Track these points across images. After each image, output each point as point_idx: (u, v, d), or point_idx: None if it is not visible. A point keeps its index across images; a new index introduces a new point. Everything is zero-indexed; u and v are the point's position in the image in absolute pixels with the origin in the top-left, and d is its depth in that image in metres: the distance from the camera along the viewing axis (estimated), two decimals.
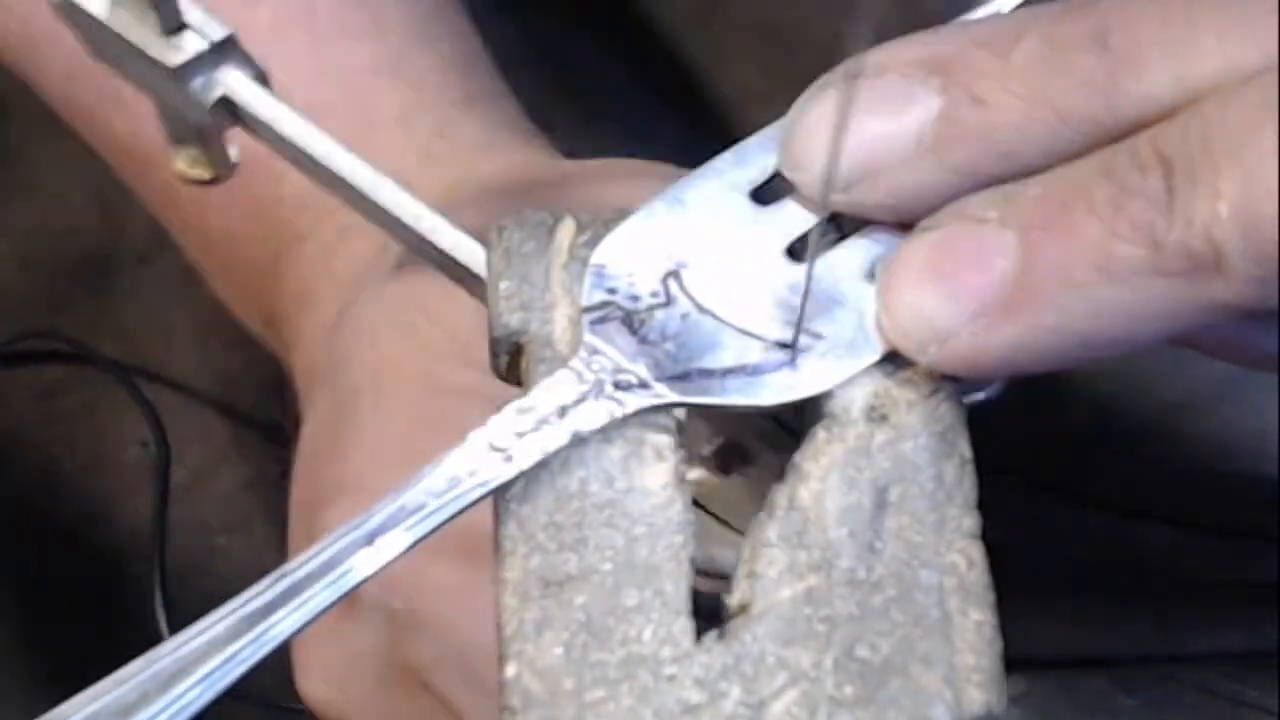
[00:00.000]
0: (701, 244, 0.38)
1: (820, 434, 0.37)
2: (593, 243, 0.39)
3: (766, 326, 0.38)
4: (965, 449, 0.37)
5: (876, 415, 0.37)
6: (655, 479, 0.36)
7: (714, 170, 0.39)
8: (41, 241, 0.78)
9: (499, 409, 0.36)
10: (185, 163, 0.41)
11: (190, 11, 0.37)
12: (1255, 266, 0.33)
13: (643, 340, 0.37)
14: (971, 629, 0.35)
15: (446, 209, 0.52)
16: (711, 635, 0.35)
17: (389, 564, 0.35)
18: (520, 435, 0.36)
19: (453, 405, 0.49)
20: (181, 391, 0.76)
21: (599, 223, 0.39)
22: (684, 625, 0.35)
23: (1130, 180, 0.35)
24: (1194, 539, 0.65)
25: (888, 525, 0.36)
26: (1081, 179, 0.35)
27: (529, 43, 0.67)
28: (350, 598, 0.48)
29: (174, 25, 0.36)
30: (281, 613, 0.34)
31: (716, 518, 0.42)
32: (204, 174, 0.41)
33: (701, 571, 0.36)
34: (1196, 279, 0.34)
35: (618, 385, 0.37)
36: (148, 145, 0.60)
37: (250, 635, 0.34)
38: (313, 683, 0.51)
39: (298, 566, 0.35)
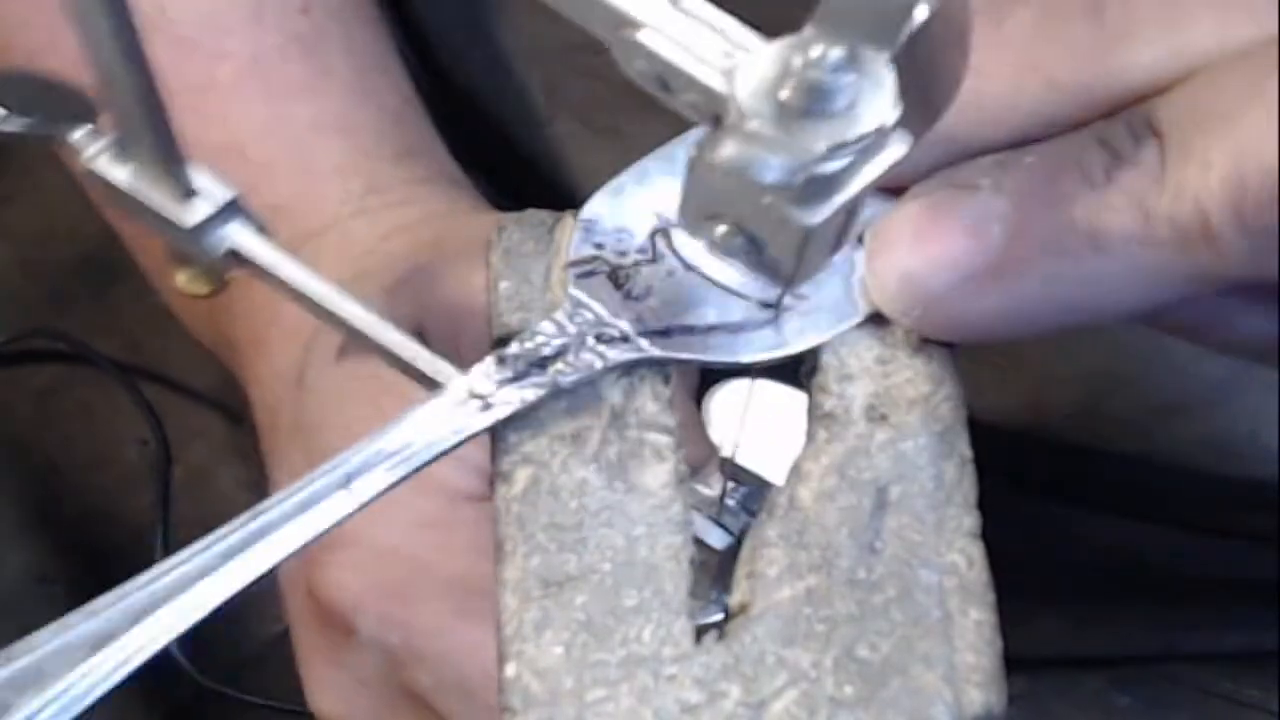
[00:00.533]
0: None
1: (820, 434, 0.37)
2: (589, 199, 0.39)
3: (750, 286, 0.38)
4: (965, 449, 0.37)
5: (876, 415, 0.37)
6: (655, 479, 0.37)
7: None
8: (41, 242, 0.78)
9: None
10: (185, 280, 0.45)
11: (199, 178, 0.42)
12: (1244, 237, 0.34)
13: (627, 295, 0.38)
14: (971, 628, 0.35)
15: (372, 268, 0.54)
16: (711, 635, 0.35)
17: (364, 506, 0.35)
18: (500, 384, 0.36)
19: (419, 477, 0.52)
20: (181, 391, 0.76)
21: None
22: (684, 625, 0.35)
23: (1124, 150, 0.35)
24: (1191, 540, 0.65)
25: (888, 525, 0.36)
26: (1076, 148, 0.35)
27: (533, 43, 0.67)
28: (348, 629, 0.50)
29: (186, 191, 0.41)
30: (254, 550, 0.35)
31: None
32: (201, 289, 0.45)
33: None
34: (1185, 250, 0.34)
35: (599, 338, 0.37)
36: None
37: (221, 571, 0.34)
38: (323, 702, 0.53)
39: (273, 505, 0.35)
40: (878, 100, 0.31)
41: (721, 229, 0.33)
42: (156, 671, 0.34)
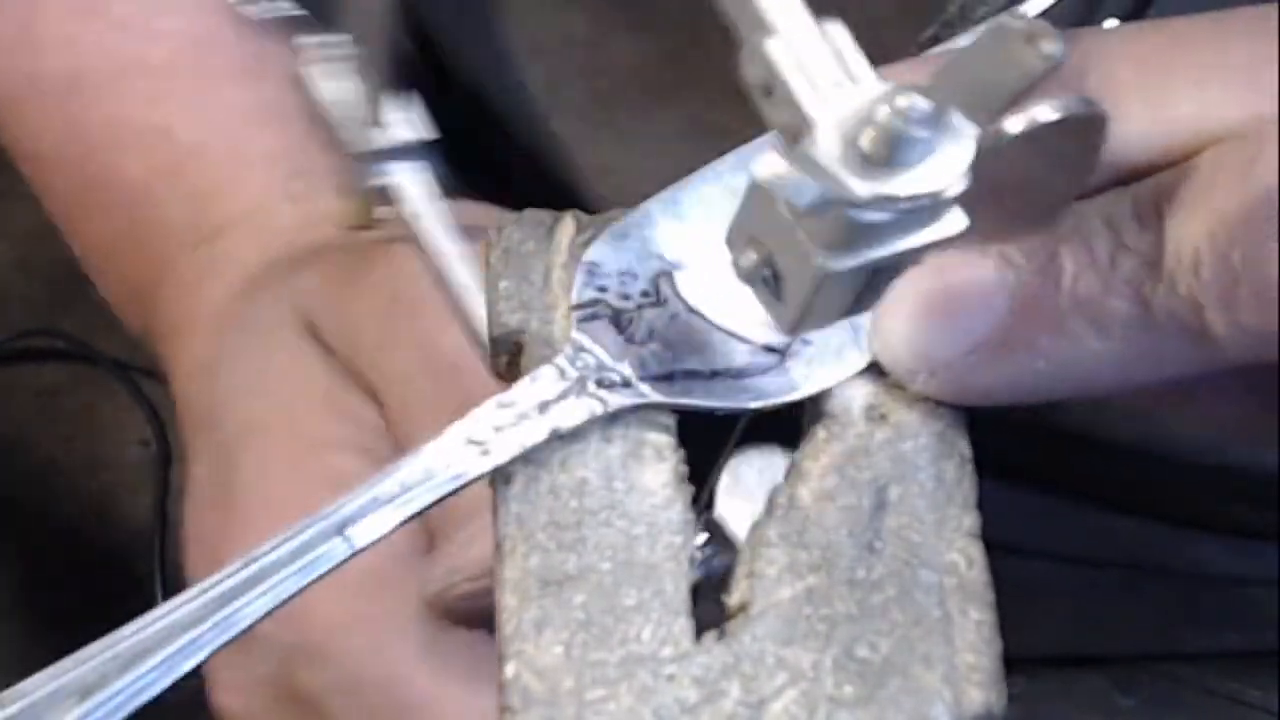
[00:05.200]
0: (696, 246, 0.38)
1: (820, 433, 0.37)
2: (592, 242, 0.39)
3: (755, 330, 0.38)
4: (964, 448, 0.37)
5: (876, 415, 0.37)
6: (655, 479, 0.37)
7: (713, 173, 0.39)
8: (41, 241, 0.78)
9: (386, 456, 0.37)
10: (342, 208, 0.48)
11: (395, 115, 0.44)
12: (1235, 331, 0.33)
13: (630, 339, 0.37)
14: (971, 628, 0.35)
15: (282, 257, 0.56)
16: (711, 635, 0.35)
17: (360, 551, 0.35)
18: (499, 429, 0.36)
19: (324, 455, 0.52)
20: None
21: (598, 222, 0.39)
22: (683, 625, 0.35)
23: (1128, 234, 0.35)
24: (1193, 538, 0.65)
25: (887, 524, 0.36)
26: (1085, 226, 0.35)
27: (533, 41, 0.67)
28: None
29: (374, 122, 0.44)
30: (248, 597, 0.34)
31: None
32: (350, 218, 0.48)
33: None
34: (1183, 339, 0.34)
35: (600, 383, 0.37)
36: (48, 156, 0.63)
37: (215, 619, 0.34)
38: (223, 698, 0.53)
39: (267, 551, 0.35)
40: (947, 169, 0.31)
41: (752, 256, 0.33)
42: None
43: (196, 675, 0.34)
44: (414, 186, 0.43)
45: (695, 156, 0.40)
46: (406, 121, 0.43)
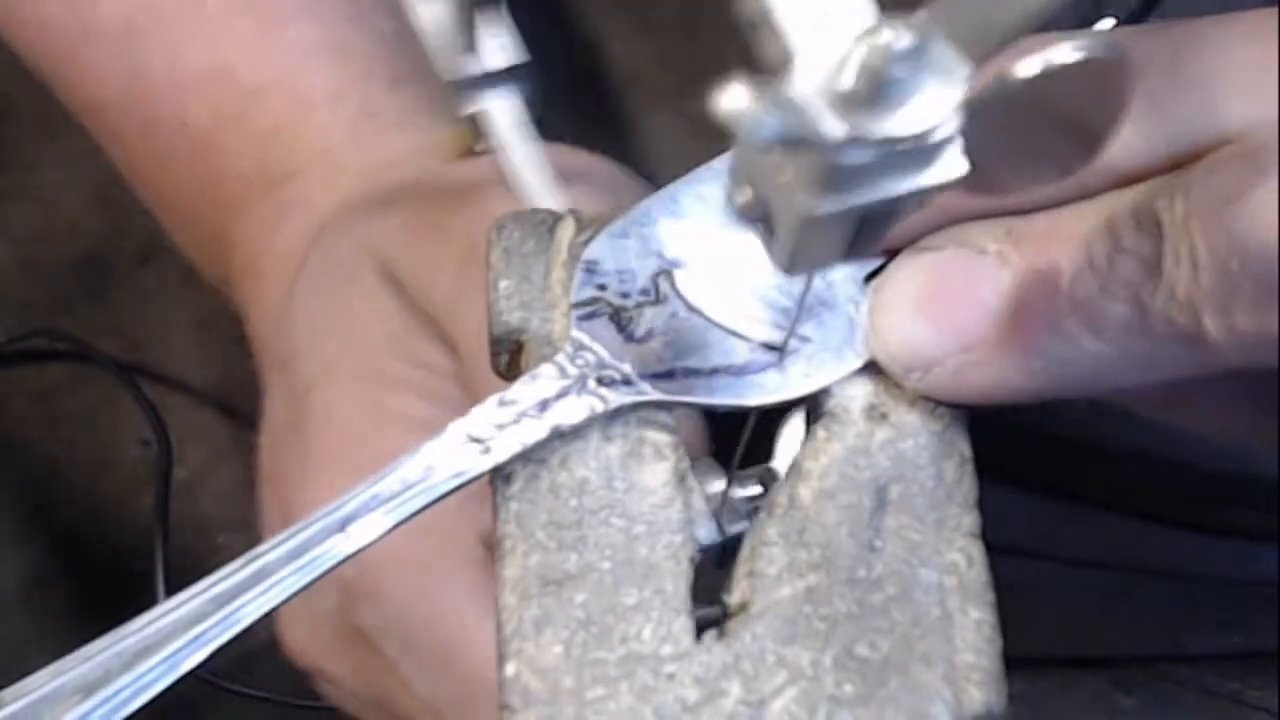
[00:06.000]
0: (694, 244, 0.38)
1: (820, 433, 0.37)
2: (591, 241, 0.39)
3: (754, 328, 0.38)
4: (965, 448, 0.37)
5: (876, 414, 0.37)
6: (655, 478, 0.37)
7: (712, 172, 0.39)
8: (42, 242, 0.78)
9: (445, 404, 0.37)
10: (448, 135, 0.47)
11: (492, 41, 0.43)
12: (1232, 336, 0.33)
13: (630, 337, 0.37)
14: (971, 628, 0.35)
15: (369, 194, 0.56)
16: (711, 634, 0.35)
17: (361, 550, 0.36)
18: (500, 427, 0.36)
19: (393, 397, 0.52)
20: (182, 390, 0.76)
21: (598, 222, 0.40)
22: (684, 624, 0.35)
23: (1125, 238, 0.35)
24: (1194, 539, 0.65)
25: (887, 524, 0.36)
26: (1084, 227, 0.35)
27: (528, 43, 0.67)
28: None
29: (469, 48, 0.43)
30: (250, 594, 0.35)
31: None
32: (459, 148, 0.47)
33: None
34: (1180, 343, 0.34)
35: (601, 381, 0.37)
36: (111, 102, 0.62)
37: (217, 616, 0.34)
38: (290, 631, 0.54)
39: (269, 549, 0.35)
40: (933, 109, 0.29)
41: (747, 193, 0.32)
42: None
43: (198, 673, 0.34)
44: (502, 115, 0.43)
45: (695, 156, 0.40)
46: (500, 47, 0.42)
